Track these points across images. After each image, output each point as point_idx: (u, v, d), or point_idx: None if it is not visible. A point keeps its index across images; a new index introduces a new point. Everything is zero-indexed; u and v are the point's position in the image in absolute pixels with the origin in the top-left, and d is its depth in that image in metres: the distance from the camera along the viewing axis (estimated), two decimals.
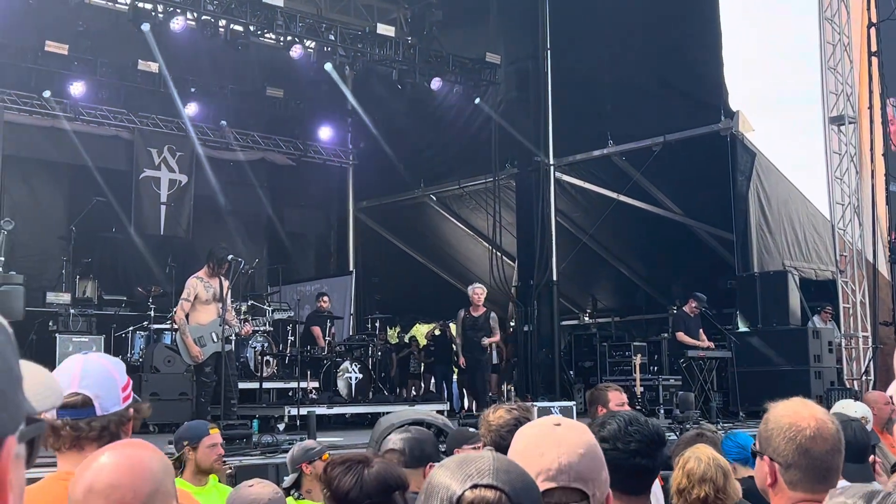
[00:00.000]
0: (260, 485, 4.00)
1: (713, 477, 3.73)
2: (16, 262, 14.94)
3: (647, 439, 2.49)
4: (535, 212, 17.01)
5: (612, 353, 16.59)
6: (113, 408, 2.41)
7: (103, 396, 2.40)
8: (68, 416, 2.36)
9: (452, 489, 1.43)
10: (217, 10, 14.84)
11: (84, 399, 2.37)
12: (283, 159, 19.60)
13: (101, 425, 2.39)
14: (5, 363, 0.88)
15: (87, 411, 2.37)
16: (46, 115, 16.29)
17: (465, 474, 1.44)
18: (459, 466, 1.47)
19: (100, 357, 2.52)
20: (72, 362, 2.46)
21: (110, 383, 2.43)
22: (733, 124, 15.00)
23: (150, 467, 1.86)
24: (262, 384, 12.94)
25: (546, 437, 1.77)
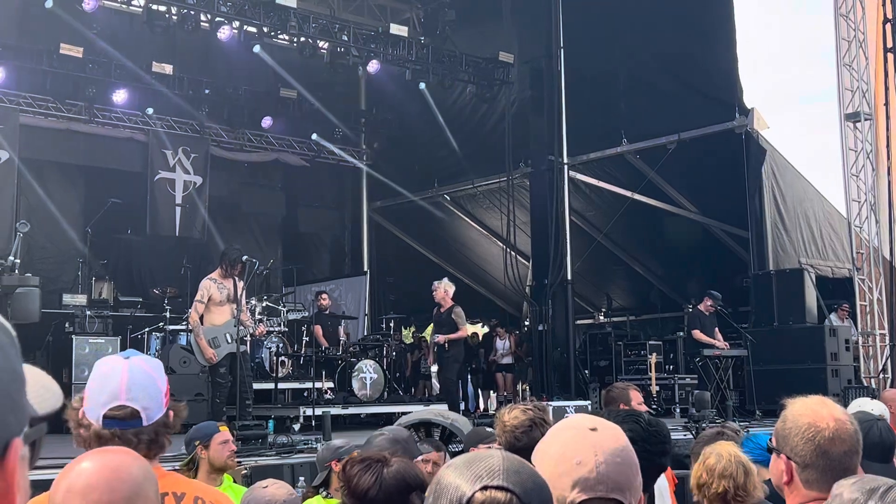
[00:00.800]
0: (274, 486, 4.00)
1: (733, 473, 3.71)
2: (32, 264, 15.03)
3: (667, 439, 2.49)
4: (549, 211, 16.97)
5: (627, 352, 16.58)
6: (157, 416, 2.41)
7: (150, 407, 2.39)
8: (116, 427, 2.36)
9: (462, 490, 1.40)
10: (230, 12, 14.88)
11: (132, 412, 2.36)
12: (297, 160, 19.64)
13: (150, 437, 2.39)
14: (9, 365, 0.88)
15: (134, 423, 2.37)
16: (62, 118, 16.37)
17: (474, 474, 1.42)
18: (468, 466, 1.44)
19: (142, 362, 2.48)
20: (116, 368, 2.42)
21: (155, 391, 2.43)
22: (748, 122, 14.96)
23: (129, 471, 1.86)
24: (278, 384, 12.97)
25: (583, 442, 1.69)
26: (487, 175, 18.72)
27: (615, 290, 20.63)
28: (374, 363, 13.24)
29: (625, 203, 17.05)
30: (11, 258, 7.98)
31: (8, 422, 0.86)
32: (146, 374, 2.43)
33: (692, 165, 15.92)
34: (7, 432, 0.86)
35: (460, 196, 20.15)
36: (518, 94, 17.78)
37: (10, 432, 0.87)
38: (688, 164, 15.86)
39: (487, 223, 20.22)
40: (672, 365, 16.09)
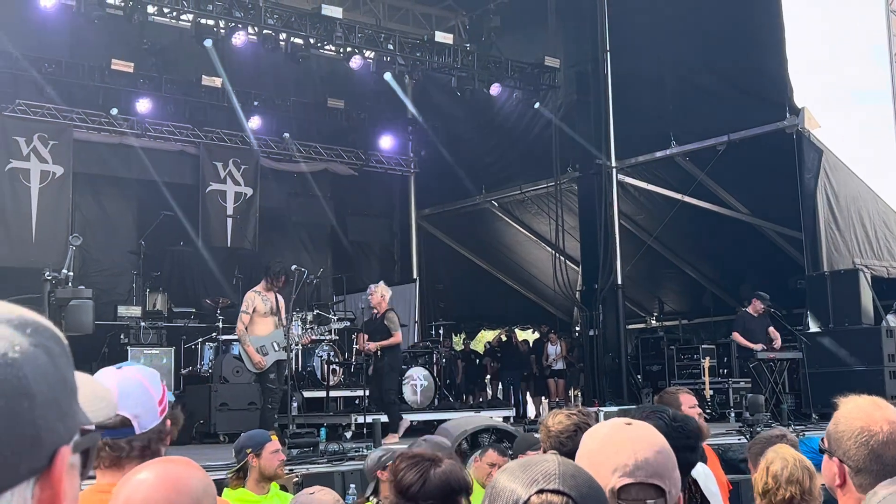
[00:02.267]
0: (321, 492, 4.00)
1: (799, 478, 3.65)
2: (88, 277, 15.29)
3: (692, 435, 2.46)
4: (598, 215, 16.88)
5: (679, 356, 16.40)
6: (151, 423, 2.41)
7: (141, 415, 2.38)
8: (107, 437, 2.36)
9: (518, 493, 1.40)
10: (278, 24, 15.04)
11: (122, 419, 2.35)
12: (346, 169, 19.76)
13: (143, 444, 2.39)
14: (59, 374, 0.89)
15: (126, 431, 2.36)
16: (114, 133, 16.66)
17: (530, 478, 1.42)
18: (524, 470, 1.44)
19: (134, 371, 2.49)
20: (106, 379, 2.41)
21: (147, 400, 2.42)
22: (799, 121, 14.73)
23: (189, 484, 1.86)
24: (329, 392, 13.04)
25: (619, 434, 1.76)
26: (535, 180, 18.66)
27: (667, 293, 20.43)
28: (425, 370, 13.27)
29: (675, 206, 16.89)
30: (65, 271, 8.13)
31: (56, 429, 0.87)
32: (137, 383, 2.42)
33: (743, 167, 15.72)
34: (55, 440, 0.87)
35: (508, 202, 20.11)
36: (564, 98, 17.72)
37: (58, 440, 0.87)
38: (738, 165, 15.66)
39: (536, 228, 20.16)
40: (726, 369, 15.89)
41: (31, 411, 0.84)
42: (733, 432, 10.21)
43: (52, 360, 0.88)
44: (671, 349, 16.57)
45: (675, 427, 2.40)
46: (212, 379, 12.48)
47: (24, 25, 14.70)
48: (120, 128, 16.64)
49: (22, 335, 0.87)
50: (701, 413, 5.21)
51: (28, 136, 15.48)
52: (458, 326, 20.70)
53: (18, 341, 0.86)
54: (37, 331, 0.89)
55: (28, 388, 0.84)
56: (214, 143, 17.63)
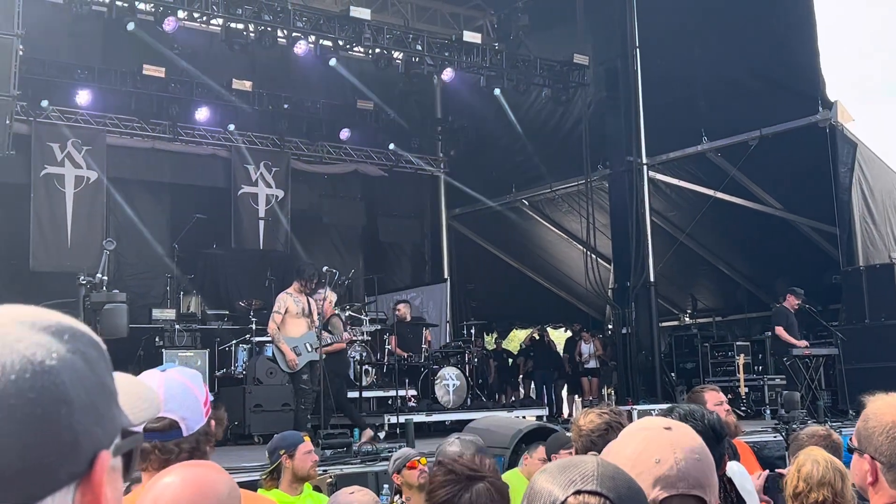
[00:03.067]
0: (360, 493, 4.00)
1: (831, 480, 3.62)
2: (123, 280, 15.47)
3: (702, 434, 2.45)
4: (629, 212, 16.80)
5: (714, 353, 16.30)
6: (197, 425, 2.43)
7: (188, 417, 2.41)
8: (156, 440, 2.38)
9: (555, 495, 1.39)
10: (306, 27, 15.11)
11: (171, 422, 2.39)
12: (376, 170, 19.82)
13: (191, 446, 2.41)
14: (98, 379, 0.90)
15: (173, 433, 2.39)
16: (147, 137, 16.81)
17: (568, 479, 1.40)
18: (562, 471, 1.43)
19: (178, 374, 2.51)
20: (151, 382, 2.43)
21: (192, 401, 2.45)
22: (832, 115, 14.58)
23: (215, 488, 1.87)
24: (362, 393, 13.08)
25: (660, 441, 1.70)
26: (565, 178, 18.61)
27: (700, 290, 20.29)
28: (457, 370, 13.27)
29: (707, 202, 16.78)
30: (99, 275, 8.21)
31: (95, 434, 0.88)
32: (183, 385, 2.45)
33: (775, 161, 15.58)
34: (94, 445, 0.88)
35: (538, 200, 20.08)
36: (594, 95, 17.66)
37: (98, 444, 0.88)
38: (771, 160, 15.52)
39: (567, 227, 20.11)
40: (761, 366, 15.77)
41: (69, 417, 0.85)
42: (769, 430, 10.12)
43: (89, 366, 0.90)
44: (705, 346, 16.46)
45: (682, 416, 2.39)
46: (245, 381, 12.56)
47: (56, 33, 14.87)
48: (152, 132, 16.79)
49: (59, 342, 0.88)
50: (729, 410, 5.17)
51: (62, 142, 15.67)
52: (490, 326, 20.69)
53: (56, 348, 0.87)
54: (74, 336, 0.90)
55: (66, 395, 0.85)
56: (245, 145, 17.75)
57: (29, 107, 15.08)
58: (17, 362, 0.84)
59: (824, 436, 4.68)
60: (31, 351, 0.85)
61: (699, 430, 2.53)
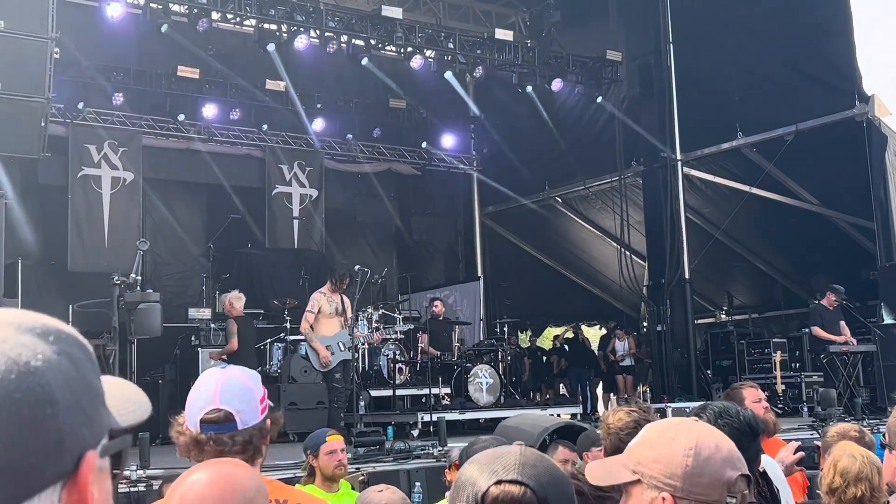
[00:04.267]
0: (389, 490, 3.99)
1: (868, 475, 3.57)
2: (160, 280, 15.63)
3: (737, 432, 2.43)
4: (663, 209, 16.70)
5: (750, 350, 16.15)
6: (252, 421, 2.47)
7: (244, 411, 2.45)
8: (212, 431, 2.43)
9: (479, 484, 1.45)
10: (338, 27, 15.17)
11: (226, 414, 2.43)
12: (409, 169, 19.85)
13: (245, 439, 2.45)
14: (83, 380, 0.91)
15: (229, 426, 2.43)
16: (182, 138, 16.96)
17: (491, 470, 1.46)
18: (488, 462, 1.48)
19: (238, 371, 2.57)
20: (211, 377, 2.52)
21: (249, 396, 2.49)
22: (868, 109, 14.39)
23: (242, 484, 1.89)
24: (396, 391, 13.11)
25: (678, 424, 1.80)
26: (599, 175, 18.53)
27: (736, 287, 20.11)
28: (490, 368, 13.25)
29: (743, 198, 16.63)
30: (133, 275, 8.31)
31: (80, 435, 0.89)
32: (240, 381, 2.50)
33: (812, 156, 15.40)
34: (80, 445, 0.89)
35: (572, 197, 20.00)
36: (627, 91, 17.57)
37: (84, 445, 0.89)
38: (807, 155, 15.34)
39: (600, 224, 20.02)
40: (798, 363, 15.60)
41: (54, 417, 0.85)
42: (805, 427, 10.03)
43: (75, 366, 0.90)
44: (741, 343, 16.32)
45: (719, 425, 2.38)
46: (280, 379, 12.63)
47: (92, 35, 15.04)
48: (187, 133, 16.93)
49: (44, 343, 0.89)
50: (768, 407, 5.13)
51: (99, 143, 15.84)
52: (524, 324, 20.64)
53: (41, 349, 0.88)
54: (59, 338, 0.91)
55: (51, 395, 0.86)
56: (279, 146, 17.84)
57: (65, 109, 15.26)
58: (1, 363, 0.85)
59: (856, 436, 4.61)
60: (16, 352, 0.86)
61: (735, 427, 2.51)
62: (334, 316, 10.26)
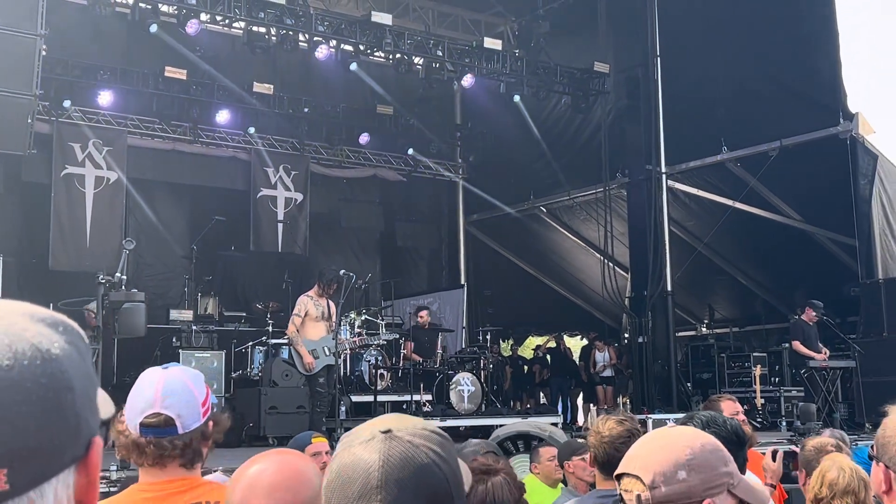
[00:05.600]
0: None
1: (855, 489, 3.60)
2: (141, 281, 15.55)
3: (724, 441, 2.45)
4: (647, 221, 16.78)
5: (730, 364, 16.22)
6: (194, 424, 2.46)
7: (185, 415, 2.45)
8: (151, 435, 2.43)
9: None
10: (328, 31, 15.18)
11: (166, 419, 2.43)
12: (395, 175, 19.85)
13: (185, 443, 2.45)
14: (87, 370, 0.96)
15: (169, 430, 2.43)
16: (167, 139, 16.90)
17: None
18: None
19: (179, 372, 2.55)
20: (152, 378, 2.50)
21: (191, 401, 2.48)
22: (853, 127, 14.52)
23: (309, 474, 1.92)
24: (377, 397, 13.09)
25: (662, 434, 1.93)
26: (584, 186, 18.60)
27: (717, 300, 20.22)
28: (472, 376, 13.27)
29: (726, 212, 16.73)
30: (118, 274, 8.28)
31: (90, 421, 0.94)
32: (182, 384, 2.48)
33: (795, 172, 15.52)
34: (90, 430, 0.94)
35: (557, 208, 20.06)
36: (614, 103, 17.65)
37: (92, 430, 0.94)
38: (791, 171, 15.46)
39: (584, 235, 20.09)
40: (777, 377, 15.68)
41: (73, 403, 0.90)
42: (784, 441, 10.07)
43: (81, 357, 0.95)
44: (722, 357, 16.40)
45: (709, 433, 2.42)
46: (261, 382, 12.59)
47: (79, 33, 15.00)
48: (173, 134, 16.88)
49: (56, 333, 0.93)
50: (745, 420, 5.17)
51: (83, 142, 15.77)
52: (506, 332, 20.67)
53: (56, 339, 0.92)
54: (66, 329, 0.95)
55: (70, 382, 0.91)
56: (265, 149, 17.81)
57: (51, 106, 15.19)
58: (27, 350, 0.89)
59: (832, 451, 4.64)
60: (37, 340, 0.90)
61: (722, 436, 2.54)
62: (320, 320, 10.27)
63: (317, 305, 10.30)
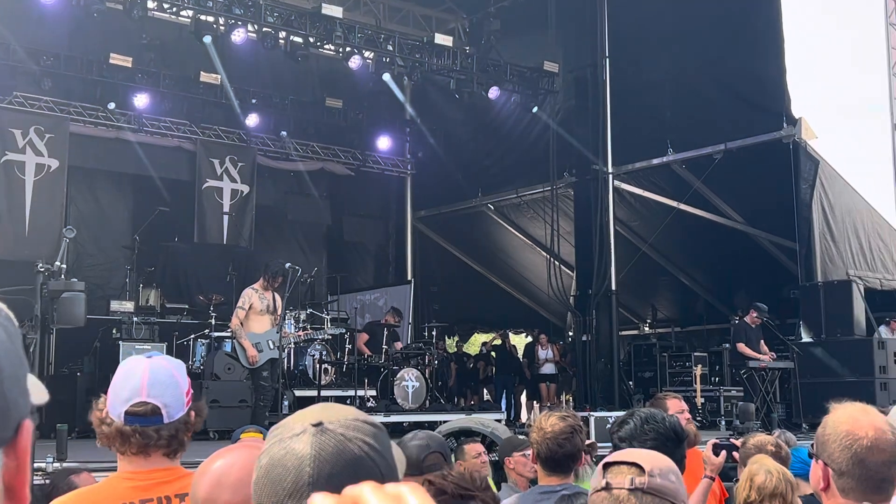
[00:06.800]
0: None
1: (783, 491, 3.65)
2: (82, 271, 15.27)
3: (662, 437, 2.47)
4: (593, 221, 16.91)
5: (672, 363, 16.43)
6: (178, 414, 2.44)
7: (171, 404, 2.42)
8: (138, 424, 2.40)
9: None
10: (277, 22, 15.05)
11: (153, 408, 2.40)
12: (343, 169, 19.75)
13: (170, 433, 2.43)
14: (17, 353, 0.94)
15: (155, 419, 2.40)
16: (111, 127, 16.62)
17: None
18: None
19: (164, 361, 2.53)
20: (137, 367, 2.47)
21: (177, 389, 2.46)
22: (796, 131, 14.77)
23: None
24: (321, 392, 13.02)
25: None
26: (531, 184, 18.68)
27: (660, 300, 20.46)
28: (417, 372, 13.25)
29: (670, 213, 16.93)
30: (58, 263, 8.12)
31: (20, 403, 0.92)
32: (168, 373, 2.46)
33: (739, 175, 15.75)
34: (19, 413, 0.91)
35: (504, 205, 20.13)
36: (563, 103, 17.75)
37: (22, 413, 0.92)
38: (735, 174, 15.69)
39: (531, 233, 20.18)
40: (717, 377, 15.92)
41: (0, 384, 0.87)
42: (723, 440, 10.20)
43: (10, 339, 0.94)
44: (663, 356, 16.60)
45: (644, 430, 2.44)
46: (203, 376, 12.45)
47: (22, 18, 14.67)
48: (117, 122, 16.60)
49: None
50: (689, 419, 5.23)
51: (24, 128, 15.44)
52: (452, 329, 20.71)
53: None
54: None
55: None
56: (212, 139, 17.61)
57: None
58: None
59: (772, 450, 4.71)
60: None
61: (660, 433, 2.57)
62: (265, 313, 10.18)
63: (262, 298, 10.21)
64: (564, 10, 17.28)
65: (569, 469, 3.67)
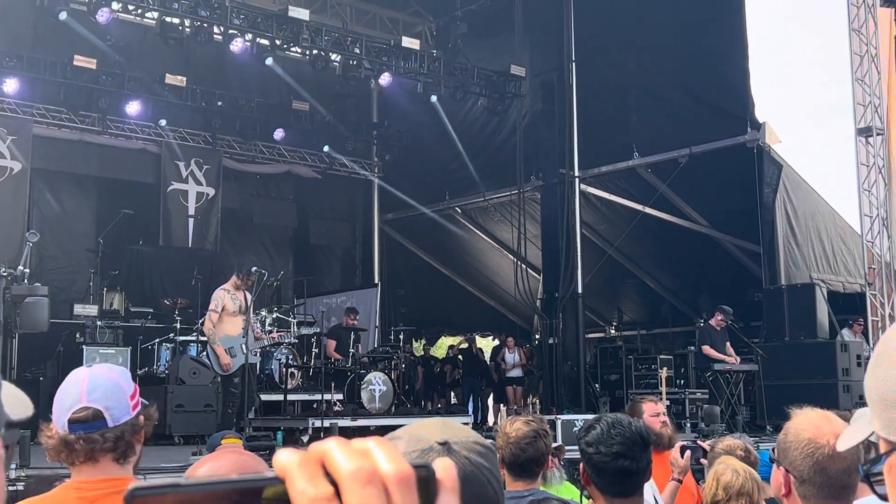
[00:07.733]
0: None
1: (749, 491, 3.68)
2: (44, 274, 15.07)
3: (629, 441, 2.49)
4: (560, 224, 16.97)
5: (637, 366, 16.50)
6: (123, 417, 2.42)
7: (113, 407, 2.41)
8: (80, 430, 2.38)
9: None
10: (243, 25, 14.97)
11: (94, 412, 2.38)
12: (309, 172, 19.68)
13: (115, 436, 2.40)
14: None
15: (98, 424, 2.38)
16: (75, 129, 16.45)
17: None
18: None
19: (104, 368, 2.53)
20: (77, 376, 2.46)
21: (118, 393, 2.44)
22: (760, 136, 14.93)
23: (258, 469, 1.86)
24: (287, 396, 12.96)
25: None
26: (499, 188, 18.72)
27: (626, 303, 20.58)
28: (384, 375, 13.22)
29: (636, 217, 17.03)
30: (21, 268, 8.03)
31: None
32: (108, 378, 2.45)
33: (704, 179, 15.89)
34: None
35: (471, 209, 20.16)
36: (529, 107, 17.80)
37: None
38: (699, 178, 15.83)
39: (498, 236, 20.22)
40: (683, 380, 16.00)
41: None
42: (688, 442, 10.28)
43: None
44: (629, 359, 16.67)
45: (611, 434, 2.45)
46: (168, 380, 12.33)
47: None
48: (81, 124, 16.44)
49: None
50: (665, 422, 5.24)
51: None
52: (419, 332, 20.69)
53: None
54: None
55: None
56: (177, 142, 17.47)
57: None
58: None
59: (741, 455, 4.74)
60: None
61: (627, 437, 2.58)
62: (238, 314, 10.04)
63: (234, 299, 10.08)
64: (531, 15, 17.34)
65: (534, 474, 3.68)
